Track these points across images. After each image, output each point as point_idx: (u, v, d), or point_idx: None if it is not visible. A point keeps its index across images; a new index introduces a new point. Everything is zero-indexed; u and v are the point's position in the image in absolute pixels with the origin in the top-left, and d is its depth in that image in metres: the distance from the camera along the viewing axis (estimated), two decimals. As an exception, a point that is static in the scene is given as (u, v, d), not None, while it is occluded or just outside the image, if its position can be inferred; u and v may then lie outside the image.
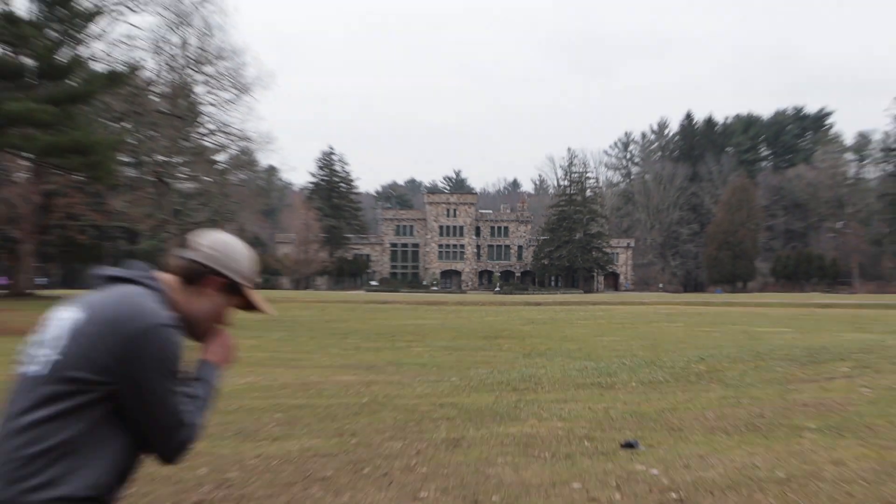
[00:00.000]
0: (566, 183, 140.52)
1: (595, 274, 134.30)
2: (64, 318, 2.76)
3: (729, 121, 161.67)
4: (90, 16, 58.41)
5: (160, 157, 70.66)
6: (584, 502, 6.61)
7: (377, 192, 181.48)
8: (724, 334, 28.83)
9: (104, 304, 2.74)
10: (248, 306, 3.15)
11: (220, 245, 3.03)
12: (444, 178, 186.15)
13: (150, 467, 7.63)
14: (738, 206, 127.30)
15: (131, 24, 79.84)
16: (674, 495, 6.74)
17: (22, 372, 2.77)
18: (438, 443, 9.22)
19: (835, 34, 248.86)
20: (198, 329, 3.02)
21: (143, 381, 2.66)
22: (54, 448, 2.63)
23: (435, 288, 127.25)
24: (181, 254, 3.02)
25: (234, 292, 3.06)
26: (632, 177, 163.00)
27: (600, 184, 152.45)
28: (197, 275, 2.97)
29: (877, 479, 7.14)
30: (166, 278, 2.95)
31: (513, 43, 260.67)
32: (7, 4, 52.83)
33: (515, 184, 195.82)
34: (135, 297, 2.77)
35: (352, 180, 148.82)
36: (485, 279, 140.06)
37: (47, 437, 2.63)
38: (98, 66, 54.89)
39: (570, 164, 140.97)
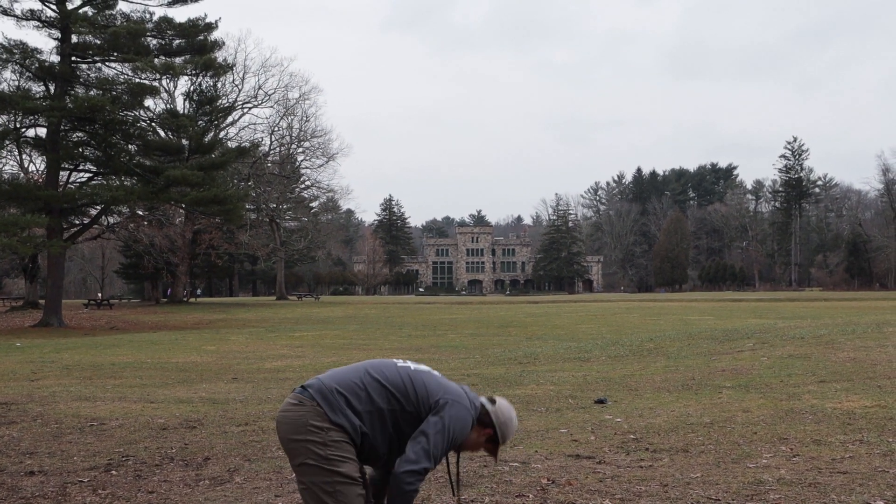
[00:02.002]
0: (554, 217, 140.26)
1: (576, 281, 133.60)
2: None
3: (667, 173, 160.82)
4: (226, 111, 59.24)
5: (273, 205, 71.16)
6: (569, 443, 6.53)
7: (423, 225, 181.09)
8: (666, 322, 28.58)
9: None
10: (493, 450, 3.37)
11: (505, 413, 3.29)
12: (470, 216, 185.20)
13: (260, 422, 7.53)
14: (674, 232, 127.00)
15: (254, 115, 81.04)
16: (633, 436, 6.65)
17: (401, 364, 3.34)
18: (466, 401, 9.15)
19: (739, 113, 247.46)
20: (464, 446, 3.31)
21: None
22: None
23: (464, 292, 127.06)
24: (488, 402, 3.36)
25: (493, 442, 3.30)
26: (600, 213, 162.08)
27: (578, 218, 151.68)
28: (483, 421, 3.27)
29: (773, 421, 7.04)
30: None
31: (519, 121, 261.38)
32: (172, 105, 53.59)
33: (520, 218, 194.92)
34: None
35: (405, 218, 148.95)
36: (499, 286, 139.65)
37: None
38: (231, 144, 55.51)
39: (557, 204, 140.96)
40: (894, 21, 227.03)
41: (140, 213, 45.61)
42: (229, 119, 61.85)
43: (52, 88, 34.24)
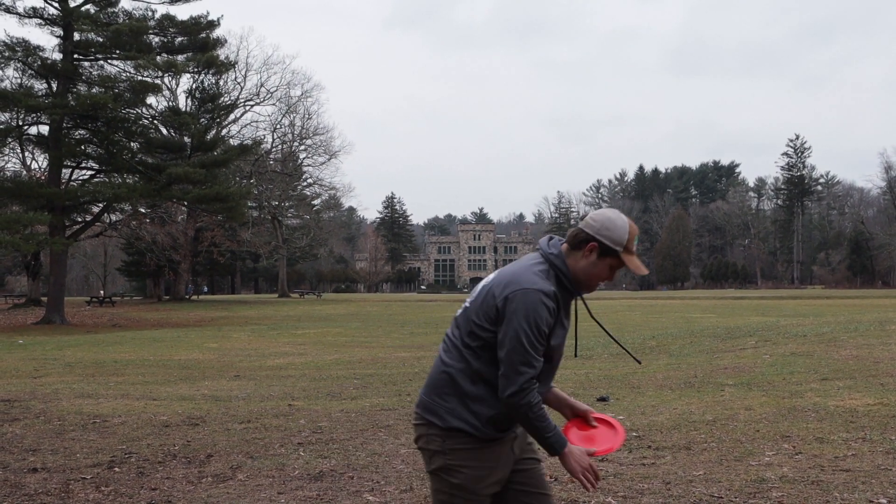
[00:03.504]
0: (556, 215, 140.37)
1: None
2: (486, 279, 2.67)
3: (669, 170, 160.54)
4: (228, 108, 59.29)
5: (275, 203, 71.17)
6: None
7: (425, 223, 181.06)
8: (669, 320, 28.56)
9: (504, 271, 2.64)
10: (615, 265, 2.69)
11: (599, 217, 2.65)
12: (472, 213, 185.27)
13: (263, 420, 7.60)
14: (676, 229, 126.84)
15: (256, 113, 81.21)
16: (635, 434, 6.64)
17: (464, 305, 2.69)
18: (468, 399, 9.15)
19: (741, 111, 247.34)
20: (581, 285, 2.67)
21: (508, 327, 2.48)
22: (464, 371, 2.59)
23: (466, 290, 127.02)
24: (576, 225, 2.73)
25: (608, 255, 2.64)
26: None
27: (580, 215, 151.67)
28: (580, 241, 2.63)
29: (776, 419, 7.03)
30: (563, 246, 2.68)
31: (521, 118, 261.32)
32: (174, 103, 53.62)
33: (521, 216, 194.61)
34: (524, 266, 2.62)
35: (407, 215, 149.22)
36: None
37: (463, 361, 2.59)
38: (233, 141, 55.56)
39: (559, 201, 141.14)
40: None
41: (142, 210, 45.58)
42: (231, 117, 61.91)
43: (54, 86, 34.26)
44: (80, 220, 38.44)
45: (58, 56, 34.20)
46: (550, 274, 2.62)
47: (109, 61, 35.66)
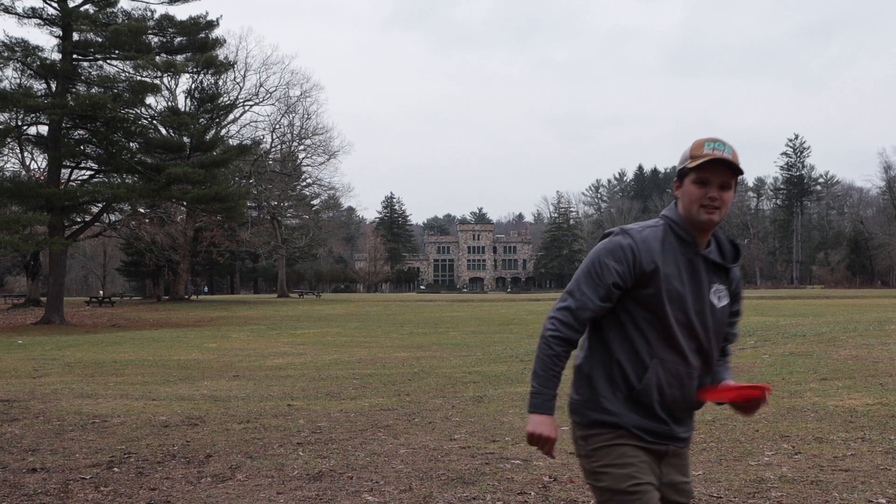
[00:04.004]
0: (556, 215, 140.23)
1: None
2: None
3: (668, 170, 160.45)
4: (228, 108, 59.28)
5: (274, 203, 71.17)
6: (570, 440, 6.51)
7: (424, 223, 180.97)
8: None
9: None
10: (707, 181, 2.42)
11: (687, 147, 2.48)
12: (471, 213, 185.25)
13: (262, 420, 7.60)
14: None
15: (255, 113, 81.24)
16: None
17: None
18: (467, 399, 9.15)
19: (741, 110, 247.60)
20: (691, 222, 2.43)
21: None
22: None
23: (465, 290, 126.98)
24: None
25: (685, 175, 2.44)
26: (602, 210, 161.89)
27: (580, 215, 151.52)
28: (675, 190, 2.52)
29: (775, 419, 7.04)
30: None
31: (520, 118, 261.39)
32: (174, 103, 53.62)
33: (521, 216, 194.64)
34: (641, 223, 2.50)
35: (407, 215, 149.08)
36: (500, 283, 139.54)
37: None
38: (232, 141, 55.54)
39: (559, 201, 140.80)
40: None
41: (141, 210, 45.59)
42: (230, 117, 61.89)
43: (53, 86, 34.24)
44: (79, 220, 38.41)
45: (57, 56, 34.18)
46: (660, 228, 2.48)
47: (108, 61, 35.63)
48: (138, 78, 35.12)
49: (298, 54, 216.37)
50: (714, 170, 2.42)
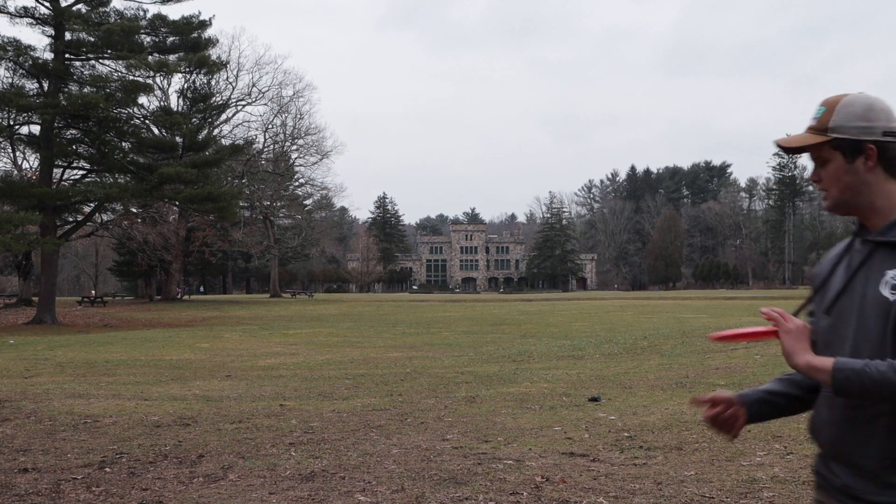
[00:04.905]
0: (549, 215, 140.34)
1: (570, 279, 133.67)
2: None
3: (661, 171, 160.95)
4: (220, 108, 59.17)
5: (266, 202, 71.09)
6: (563, 440, 6.53)
7: (417, 223, 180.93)
8: (660, 320, 28.60)
9: None
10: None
11: None
12: (464, 213, 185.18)
13: (254, 420, 7.58)
14: (668, 230, 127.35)
15: (248, 112, 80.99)
16: (626, 434, 6.65)
17: None
18: (460, 399, 9.15)
19: (734, 111, 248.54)
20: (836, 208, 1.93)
21: None
22: None
23: (457, 290, 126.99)
24: None
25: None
26: (594, 211, 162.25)
27: (572, 215, 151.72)
28: None
29: (769, 421, 7.03)
30: None
31: (514, 118, 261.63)
32: (166, 102, 53.46)
33: (513, 216, 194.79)
34: None
35: (399, 215, 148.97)
36: (492, 283, 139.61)
37: None
38: (225, 141, 55.42)
39: (551, 202, 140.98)
40: (891, 18, 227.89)
41: (134, 210, 45.47)
42: (223, 116, 61.75)
43: (45, 86, 34.12)
44: (71, 219, 38.28)
45: (49, 56, 34.07)
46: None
47: (101, 61, 35.54)
48: (131, 78, 35.03)
49: (291, 54, 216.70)
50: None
